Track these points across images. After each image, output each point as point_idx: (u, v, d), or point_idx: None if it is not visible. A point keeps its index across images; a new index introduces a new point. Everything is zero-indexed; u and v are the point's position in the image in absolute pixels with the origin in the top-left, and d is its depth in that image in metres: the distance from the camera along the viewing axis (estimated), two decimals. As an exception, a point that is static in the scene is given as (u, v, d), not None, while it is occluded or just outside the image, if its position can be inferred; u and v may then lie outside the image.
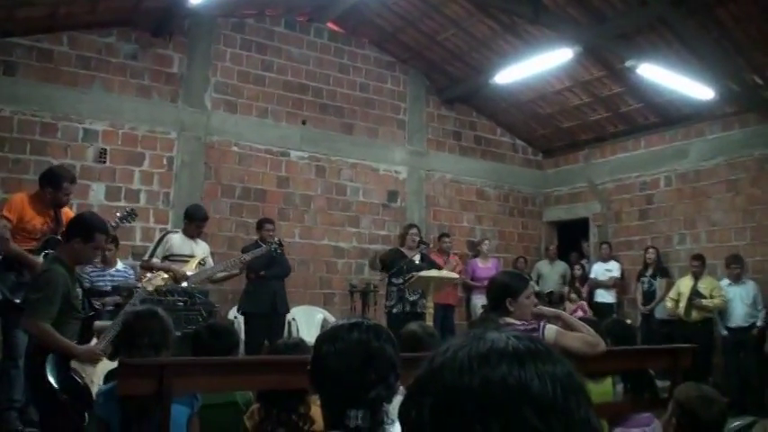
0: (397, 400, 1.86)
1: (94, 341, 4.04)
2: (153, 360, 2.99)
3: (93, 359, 3.85)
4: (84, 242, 3.87)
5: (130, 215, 6.52)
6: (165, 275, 6.40)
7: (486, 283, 8.38)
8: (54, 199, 5.53)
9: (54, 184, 5.51)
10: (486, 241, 10.71)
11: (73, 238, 3.89)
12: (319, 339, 1.96)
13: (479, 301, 9.84)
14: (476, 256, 10.65)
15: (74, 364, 3.78)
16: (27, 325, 3.78)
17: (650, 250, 9.87)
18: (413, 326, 3.92)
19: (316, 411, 3.15)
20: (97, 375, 3.97)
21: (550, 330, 3.60)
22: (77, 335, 3.87)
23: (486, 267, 10.18)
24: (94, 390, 3.64)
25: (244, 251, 7.71)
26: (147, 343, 3.09)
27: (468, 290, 10.51)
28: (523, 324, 3.62)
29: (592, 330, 3.75)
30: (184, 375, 2.90)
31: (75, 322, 3.87)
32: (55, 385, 3.60)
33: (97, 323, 4.23)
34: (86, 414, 3.53)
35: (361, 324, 1.89)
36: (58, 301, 3.71)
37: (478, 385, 0.80)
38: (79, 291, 3.99)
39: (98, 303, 5.29)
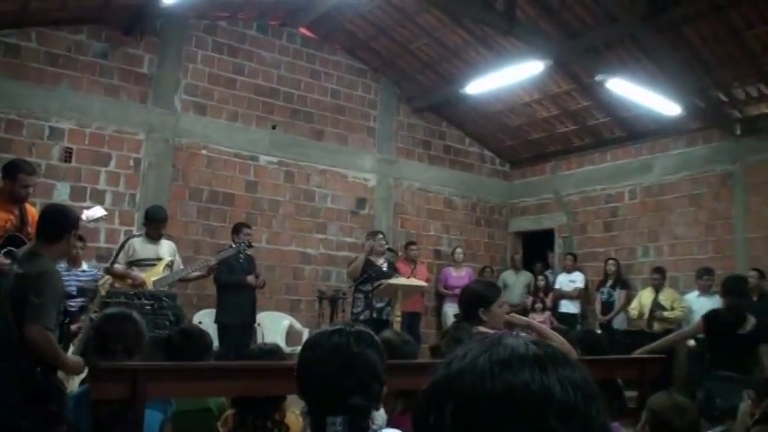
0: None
1: (71, 348, 3.96)
2: (126, 364, 2.94)
3: (79, 371, 3.71)
4: (55, 243, 3.72)
5: (98, 217, 6.37)
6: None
7: (458, 291, 8.44)
8: (11, 192, 5.08)
9: (11, 176, 5.08)
10: (459, 249, 10.77)
11: (65, 234, 3.70)
12: (304, 345, 1.94)
13: (451, 309, 9.90)
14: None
15: (60, 374, 3.65)
16: (33, 332, 3.28)
17: (610, 262, 10.05)
18: (387, 333, 3.91)
19: (291, 418, 3.14)
20: (76, 384, 3.89)
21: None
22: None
23: (458, 276, 10.23)
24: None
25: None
26: (120, 348, 3.03)
27: (440, 298, 10.55)
28: (496, 333, 3.64)
29: (563, 339, 3.78)
30: (158, 380, 2.85)
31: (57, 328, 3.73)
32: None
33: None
34: None
35: (343, 329, 1.86)
36: (58, 307, 3.51)
37: (502, 391, 0.81)
38: None
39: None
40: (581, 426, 0.80)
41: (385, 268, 7.90)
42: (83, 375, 3.61)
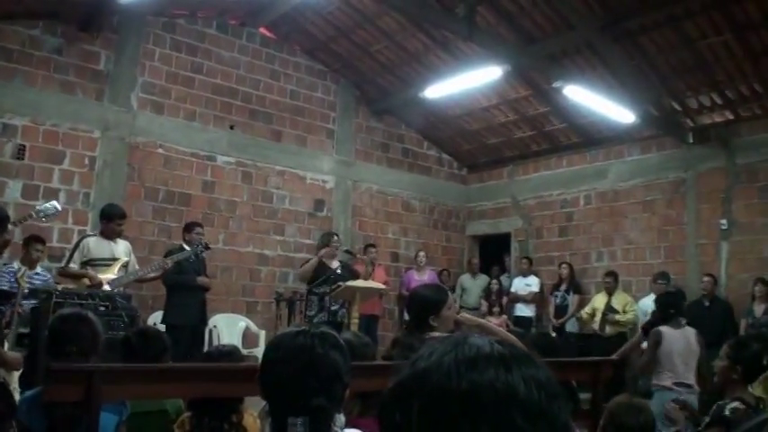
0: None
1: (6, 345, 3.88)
2: (81, 366, 2.88)
3: (18, 367, 3.66)
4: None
5: (52, 211, 6.23)
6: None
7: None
8: None
9: None
10: (422, 253, 10.80)
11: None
12: (267, 345, 1.94)
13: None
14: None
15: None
16: None
17: (563, 266, 10.22)
18: (347, 335, 3.91)
19: (248, 420, 3.12)
20: (15, 381, 3.81)
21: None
22: None
23: (421, 279, 10.23)
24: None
25: (168, 255, 7.48)
26: (75, 350, 2.98)
27: (402, 301, 10.57)
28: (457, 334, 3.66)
29: (515, 339, 3.82)
30: (114, 382, 2.80)
31: None
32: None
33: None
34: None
35: (308, 331, 1.86)
36: None
37: (467, 389, 0.82)
38: None
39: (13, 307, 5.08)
40: (545, 423, 0.81)
41: (339, 271, 7.88)
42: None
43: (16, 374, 3.79)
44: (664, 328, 5.45)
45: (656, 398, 5.12)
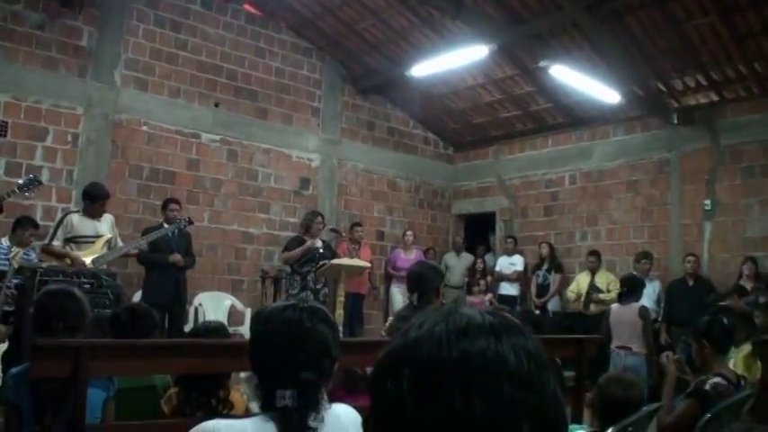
0: None
1: None
2: (68, 341, 2.88)
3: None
4: None
5: (32, 182, 6.22)
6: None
7: (405, 273, 8.52)
8: None
9: None
10: (410, 233, 10.81)
11: None
12: (254, 320, 1.95)
13: (398, 290, 10.01)
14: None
15: None
16: None
17: (543, 245, 10.30)
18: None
19: (235, 396, 3.13)
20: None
21: None
22: None
23: (408, 259, 10.26)
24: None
25: (145, 233, 7.46)
26: (62, 326, 2.97)
27: (389, 279, 10.61)
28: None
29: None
30: (101, 358, 2.80)
31: None
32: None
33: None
34: None
35: (296, 305, 1.87)
36: None
37: (458, 358, 0.82)
38: None
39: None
40: (534, 392, 0.82)
41: (322, 250, 7.89)
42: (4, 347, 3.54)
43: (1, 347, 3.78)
44: (613, 306, 7.03)
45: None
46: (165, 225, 7.52)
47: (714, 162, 9.13)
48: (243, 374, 3.28)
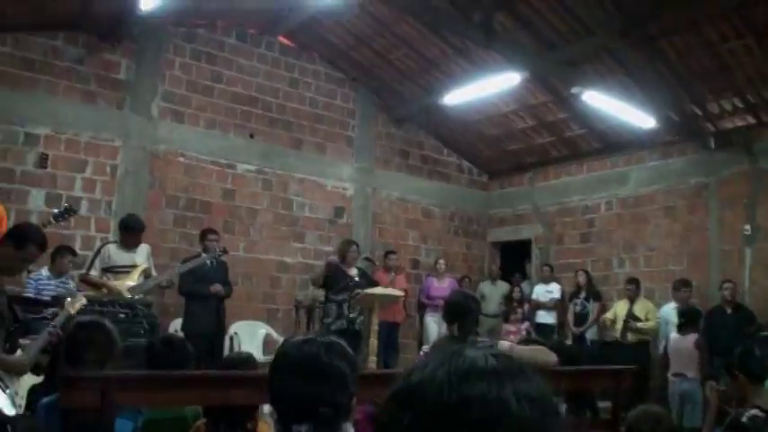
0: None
1: (19, 353, 3.90)
2: (96, 373, 2.91)
3: (22, 371, 3.68)
4: (15, 248, 3.70)
5: (68, 211, 6.31)
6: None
7: (439, 302, 8.46)
8: None
9: None
10: (441, 261, 10.77)
11: (5, 241, 3.72)
12: (276, 353, 1.94)
13: (432, 319, 9.91)
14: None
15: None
16: None
17: (580, 273, 10.12)
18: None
19: (263, 428, 3.12)
20: (22, 388, 3.83)
21: (503, 347, 3.66)
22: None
23: (440, 287, 10.20)
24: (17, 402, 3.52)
25: (184, 263, 7.54)
26: (91, 358, 3.00)
27: (422, 308, 10.54)
28: (482, 343, 3.70)
29: (543, 348, 3.83)
30: (128, 389, 2.82)
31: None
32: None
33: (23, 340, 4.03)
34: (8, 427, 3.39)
35: (314, 339, 1.87)
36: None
37: (457, 402, 0.81)
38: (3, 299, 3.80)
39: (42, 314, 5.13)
40: None
41: (357, 279, 7.86)
42: (30, 383, 3.56)
43: (25, 381, 3.81)
44: (672, 335, 7.53)
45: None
46: (203, 255, 7.58)
47: (753, 186, 8.95)
48: (267, 407, 3.27)
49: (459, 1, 8.12)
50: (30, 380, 3.70)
